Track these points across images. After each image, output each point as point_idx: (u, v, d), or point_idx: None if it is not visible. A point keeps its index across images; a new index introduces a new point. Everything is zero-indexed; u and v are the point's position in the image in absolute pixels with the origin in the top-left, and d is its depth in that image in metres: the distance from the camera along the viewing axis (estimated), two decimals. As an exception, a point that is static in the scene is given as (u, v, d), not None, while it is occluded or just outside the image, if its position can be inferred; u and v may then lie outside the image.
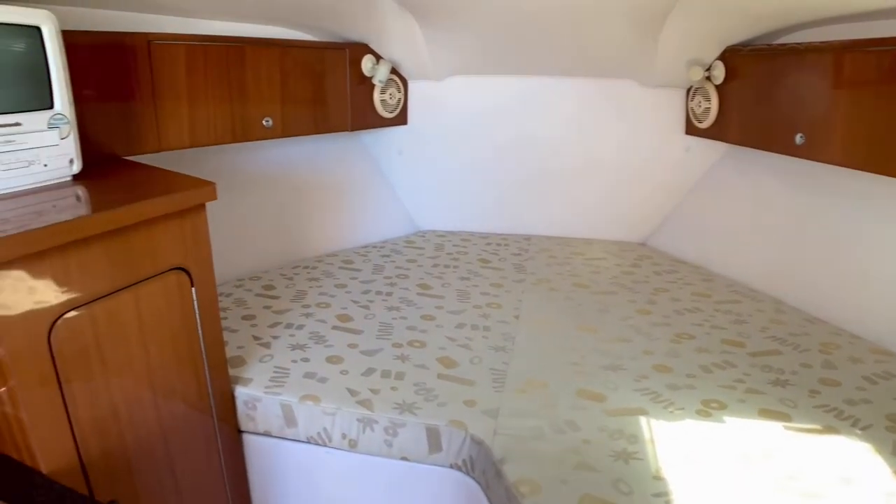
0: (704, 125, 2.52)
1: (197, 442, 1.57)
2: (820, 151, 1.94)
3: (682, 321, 2.10)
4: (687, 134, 2.66)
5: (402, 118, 2.82)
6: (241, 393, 1.68)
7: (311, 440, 1.65)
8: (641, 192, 2.89)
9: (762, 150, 2.25)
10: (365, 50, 2.53)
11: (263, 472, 1.76)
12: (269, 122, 2.23)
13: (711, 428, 1.50)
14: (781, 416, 1.55)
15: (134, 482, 1.38)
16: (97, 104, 1.72)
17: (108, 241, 1.24)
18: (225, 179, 1.61)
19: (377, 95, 2.66)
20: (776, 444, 1.44)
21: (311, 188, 2.75)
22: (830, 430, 1.49)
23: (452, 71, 2.73)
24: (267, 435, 1.70)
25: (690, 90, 2.59)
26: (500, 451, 1.43)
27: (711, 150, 2.66)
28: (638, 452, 1.40)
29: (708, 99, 2.46)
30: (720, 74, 2.35)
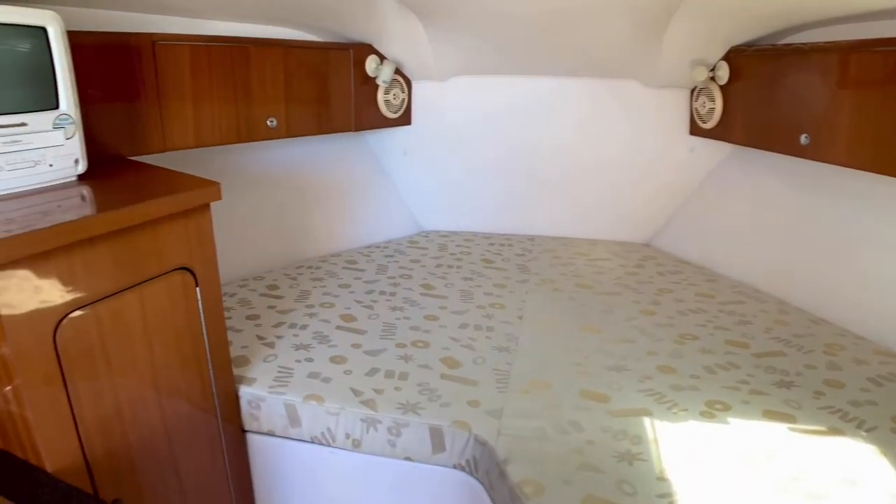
0: (709, 126, 2.52)
1: (201, 441, 1.57)
2: (825, 152, 1.93)
3: (685, 322, 2.09)
4: (691, 134, 2.66)
5: (405, 118, 2.82)
6: (245, 392, 1.68)
7: (314, 440, 1.66)
8: (645, 192, 2.88)
9: (766, 150, 2.25)
10: (369, 50, 2.54)
11: (267, 471, 1.76)
12: (273, 122, 2.23)
13: (715, 429, 1.50)
14: (786, 417, 1.54)
15: (138, 481, 1.38)
16: (102, 104, 1.72)
17: (113, 241, 1.25)
18: (229, 179, 1.61)
19: (381, 96, 2.66)
20: (780, 445, 1.43)
21: (314, 188, 2.76)
22: (835, 431, 1.48)
23: (456, 71, 2.73)
24: (271, 435, 1.70)
25: (694, 90, 2.58)
26: (503, 451, 1.43)
27: (716, 150, 2.66)
28: (642, 453, 1.40)
29: (712, 99, 2.45)
30: (724, 75, 2.34)
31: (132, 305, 1.31)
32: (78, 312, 1.19)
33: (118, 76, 1.78)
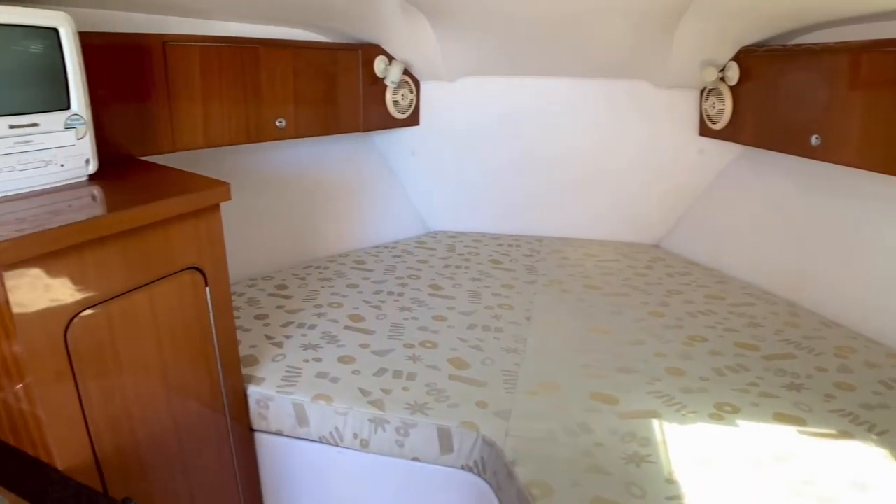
0: (718, 126, 2.50)
1: (209, 440, 1.58)
2: (836, 153, 1.92)
3: (695, 323, 2.08)
4: (701, 135, 2.65)
5: (413, 119, 2.82)
6: (253, 392, 1.69)
7: (322, 440, 1.66)
8: (655, 193, 2.87)
9: (777, 151, 2.23)
10: (377, 51, 2.54)
11: (275, 470, 1.77)
12: (282, 122, 2.24)
13: (725, 431, 1.49)
14: (796, 420, 1.53)
15: (147, 479, 1.39)
16: (113, 105, 1.73)
17: (123, 240, 1.26)
18: (238, 180, 1.62)
19: (389, 96, 2.66)
20: (790, 448, 1.42)
21: (323, 189, 2.76)
22: (846, 434, 1.47)
23: (464, 72, 2.73)
24: (279, 434, 1.71)
25: (704, 91, 2.57)
26: (511, 452, 1.43)
27: (725, 151, 2.64)
28: (650, 455, 1.40)
29: (722, 100, 2.44)
30: (734, 75, 2.33)
31: (142, 305, 1.32)
32: (89, 311, 1.20)
33: (129, 77, 1.79)
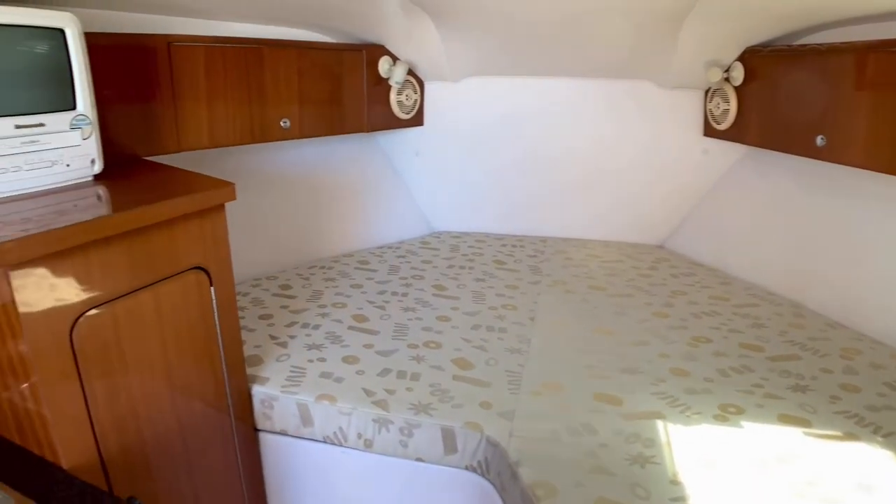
0: (723, 127, 2.50)
1: (214, 440, 1.58)
2: (841, 153, 1.91)
3: (699, 324, 2.08)
4: (705, 136, 2.64)
5: (418, 119, 2.83)
6: (257, 392, 1.69)
7: (326, 440, 1.66)
8: (659, 194, 2.87)
9: (782, 152, 2.22)
10: (382, 51, 2.54)
11: (279, 470, 1.77)
12: (286, 123, 2.24)
13: (729, 433, 1.48)
14: (801, 421, 1.53)
15: (152, 479, 1.39)
16: (118, 105, 1.74)
17: (128, 240, 1.26)
18: (242, 180, 1.62)
19: (394, 97, 2.66)
20: (795, 449, 1.42)
21: (327, 189, 2.76)
22: (851, 436, 1.47)
23: (469, 72, 2.73)
24: (283, 434, 1.71)
25: (709, 91, 2.56)
26: (515, 453, 1.42)
27: (730, 151, 2.64)
28: (655, 456, 1.39)
29: (727, 100, 2.43)
30: (739, 76, 2.33)
31: (147, 304, 1.32)
32: (94, 311, 1.20)
33: (134, 77, 1.80)
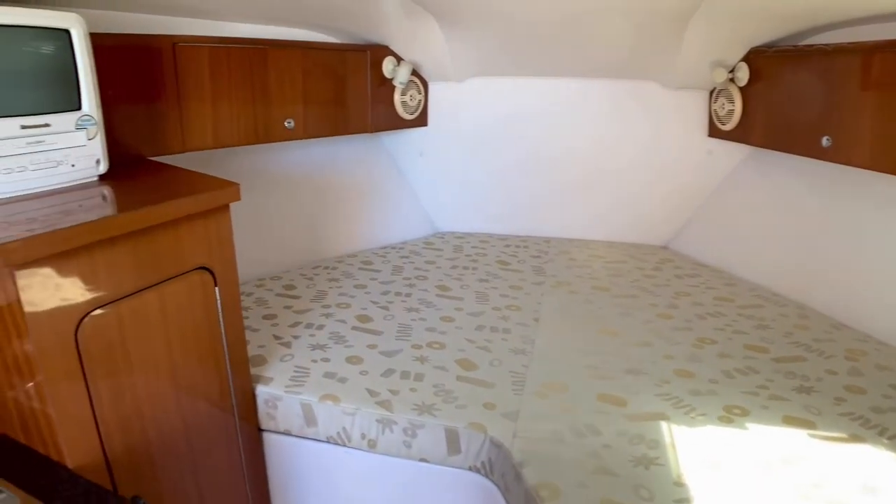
0: (728, 127, 2.49)
1: (218, 440, 1.58)
2: (847, 154, 1.90)
3: (703, 326, 2.07)
4: (710, 136, 2.64)
5: (422, 120, 2.83)
6: (261, 392, 1.69)
7: (330, 440, 1.66)
8: (663, 194, 2.86)
9: (787, 152, 2.22)
10: (386, 52, 2.54)
11: (283, 470, 1.77)
12: (290, 123, 2.24)
13: (734, 434, 1.48)
14: (806, 423, 1.52)
15: (156, 478, 1.40)
16: (123, 105, 1.74)
17: (133, 240, 1.26)
18: (247, 180, 1.63)
19: (398, 97, 2.66)
20: (800, 451, 1.41)
21: (331, 189, 2.77)
22: (856, 438, 1.46)
23: (473, 72, 2.73)
24: (287, 434, 1.71)
25: (713, 92, 2.56)
26: (519, 454, 1.42)
27: (734, 152, 2.63)
28: (659, 458, 1.39)
29: (731, 101, 2.43)
30: (744, 76, 2.32)
31: (152, 304, 1.33)
32: (99, 311, 1.21)
33: (139, 77, 1.80)
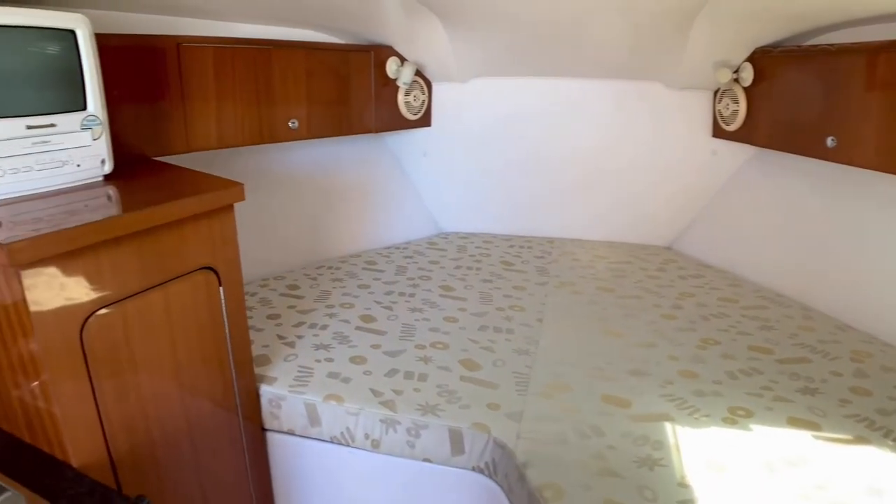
0: (732, 128, 2.48)
1: (222, 439, 1.59)
2: (853, 155, 1.90)
3: (708, 327, 2.07)
4: (714, 137, 2.63)
5: (425, 120, 2.83)
6: (265, 391, 1.70)
7: (334, 440, 1.66)
8: (667, 195, 2.86)
9: (791, 153, 2.21)
10: (390, 52, 2.54)
11: (286, 470, 1.77)
12: (294, 123, 2.25)
13: (738, 436, 1.48)
14: (810, 424, 1.52)
15: (160, 477, 1.40)
16: (128, 106, 1.75)
17: (138, 240, 1.27)
18: (251, 180, 1.63)
19: (401, 97, 2.66)
20: (804, 453, 1.41)
21: (334, 189, 2.77)
22: (861, 440, 1.45)
23: (477, 73, 2.73)
24: (291, 434, 1.71)
25: (718, 92, 2.55)
26: (523, 455, 1.42)
27: (739, 152, 2.62)
28: (663, 459, 1.39)
29: (736, 101, 2.42)
30: (749, 76, 2.31)
31: (157, 304, 1.33)
32: (104, 310, 1.21)
33: (144, 78, 1.81)
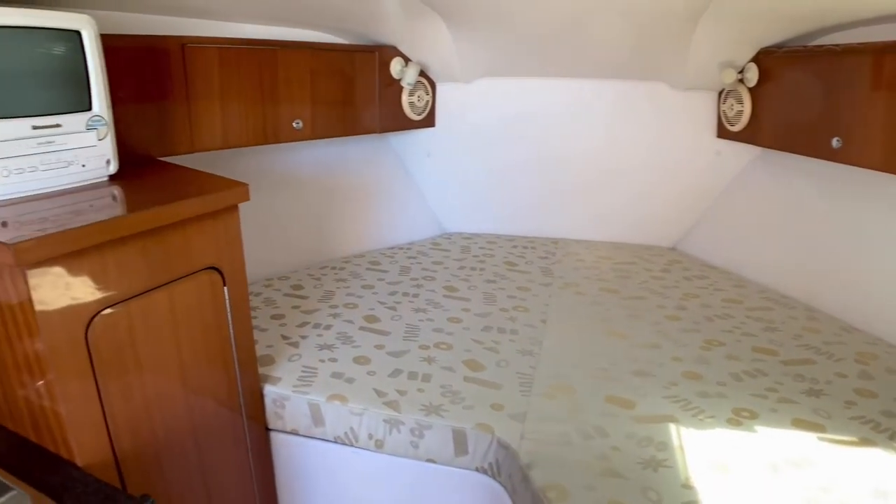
0: (736, 128, 2.48)
1: (226, 439, 1.59)
2: (858, 156, 1.89)
3: (712, 328, 2.06)
4: (718, 137, 2.63)
5: (429, 120, 2.83)
6: (269, 391, 1.70)
7: (337, 440, 1.67)
8: (671, 195, 2.85)
9: (796, 153, 2.20)
10: (394, 52, 2.55)
11: (290, 470, 1.77)
12: (299, 123, 2.25)
13: (742, 437, 1.47)
14: (815, 426, 1.51)
15: (165, 477, 1.40)
16: (133, 106, 1.75)
17: (143, 240, 1.27)
18: (256, 180, 1.63)
19: (405, 98, 2.67)
20: (809, 454, 1.40)
21: (339, 189, 2.77)
22: (866, 442, 1.45)
23: (481, 73, 2.73)
24: (294, 434, 1.71)
25: (722, 93, 2.55)
26: (526, 455, 1.42)
27: (743, 153, 2.62)
28: (667, 460, 1.38)
29: (740, 102, 2.42)
30: (753, 77, 2.31)
31: (162, 304, 1.33)
32: (109, 310, 1.21)
33: (149, 78, 1.81)
